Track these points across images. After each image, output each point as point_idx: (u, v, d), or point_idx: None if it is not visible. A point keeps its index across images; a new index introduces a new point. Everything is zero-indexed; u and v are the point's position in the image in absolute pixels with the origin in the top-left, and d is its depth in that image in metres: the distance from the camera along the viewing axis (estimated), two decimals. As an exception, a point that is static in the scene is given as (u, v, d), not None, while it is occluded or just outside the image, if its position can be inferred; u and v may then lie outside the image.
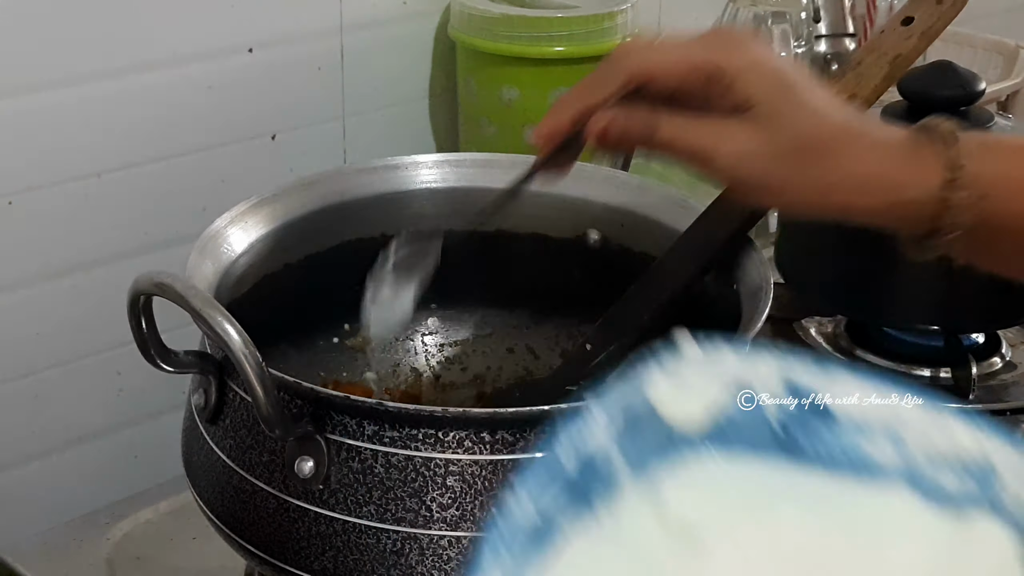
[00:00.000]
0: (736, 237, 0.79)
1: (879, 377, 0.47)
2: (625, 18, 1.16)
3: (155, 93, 1.00)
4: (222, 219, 0.80)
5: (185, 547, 0.89)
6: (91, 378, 1.02)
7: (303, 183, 0.86)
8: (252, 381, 0.62)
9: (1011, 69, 1.47)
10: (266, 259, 0.83)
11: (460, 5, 1.15)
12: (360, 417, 0.65)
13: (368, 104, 1.15)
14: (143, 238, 1.02)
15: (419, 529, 0.65)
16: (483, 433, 0.64)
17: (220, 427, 0.70)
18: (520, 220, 0.91)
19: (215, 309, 0.62)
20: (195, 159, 1.04)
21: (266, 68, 1.06)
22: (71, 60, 0.94)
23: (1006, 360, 1.13)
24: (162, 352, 0.68)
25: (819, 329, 1.17)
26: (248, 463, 0.68)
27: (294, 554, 0.67)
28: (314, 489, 0.66)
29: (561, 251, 0.91)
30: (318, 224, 0.86)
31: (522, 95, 1.15)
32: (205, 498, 0.72)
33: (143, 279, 0.65)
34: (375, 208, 0.89)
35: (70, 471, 1.02)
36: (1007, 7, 1.77)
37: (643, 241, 0.88)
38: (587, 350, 0.81)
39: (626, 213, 0.89)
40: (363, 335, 0.93)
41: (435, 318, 0.95)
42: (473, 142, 1.19)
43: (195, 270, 0.74)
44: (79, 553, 0.89)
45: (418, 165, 0.90)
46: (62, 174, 0.96)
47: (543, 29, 1.13)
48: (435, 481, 0.64)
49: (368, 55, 1.13)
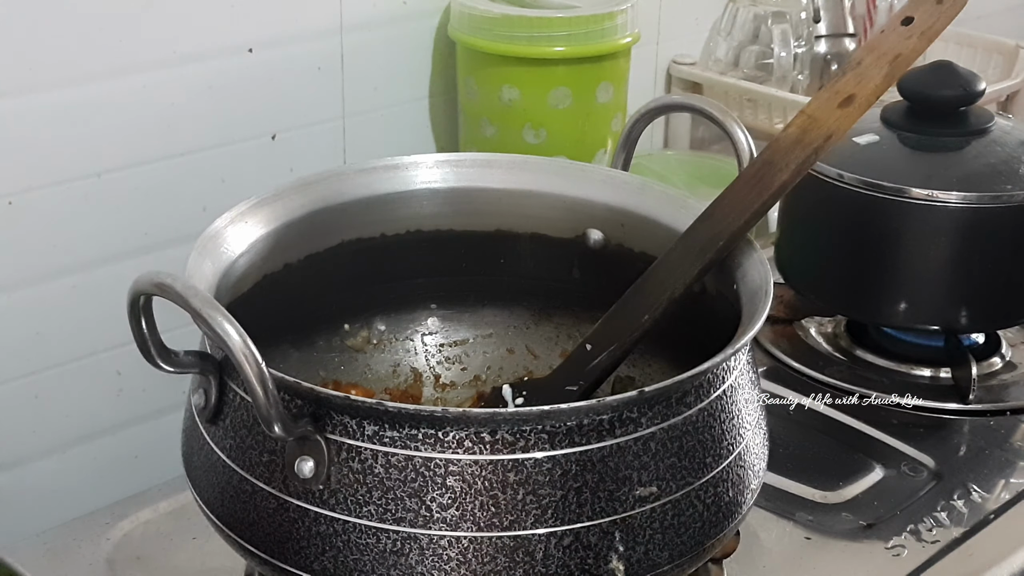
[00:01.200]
0: (736, 238, 0.79)
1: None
2: (625, 18, 1.16)
3: (155, 93, 1.00)
4: (222, 219, 0.80)
5: (185, 547, 0.89)
6: (91, 378, 1.02)
7: (303, 183, 0.86)
8: (252, 381, 0.62)
9: (1011, 69, 1.48)
10: (266, 259, 0.83)
11: (460, 5, 1.15)
12: (360, 417, 0.65)
13: (368, 104, 1.15)
14: (143, 238, 1.02)
15: (419, 529, 0.65)
16: (483, 433, 0.64)
17: (220, 427, 0.70)
18: (520, 220, 0.91)
19: (215, 309, 0.62)
20: (195, 159, 1.04)
21: (266, 68, 1.06)
22: (71, 60, 0.94)
23: (1006, 360, 1.13)
24: (162, 352, 0.68)
25: (819, 329, 1.18)
26: (248, 463, 0.68)
27: (294, 554, 0.67)
28: (314, 489, 0.66)
29: (561, 251, 0.91)
30: (318, 224, 0.86)
31: (522, 95, 1.15)
32: (205, 498, 0.72)
33: (143, 279, 0.65)
34: (375, 208, 0.89)
35: (70, 471, 1.02)
36: (1007, 7, 1.77)
37: (643, 241, 0.88)
38: (587, 350, 0.81)
39: (626, 213, 0.89)
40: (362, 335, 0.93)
41: (435, 318, 0.95)
42: (473, 142, 1.19)
43: (195, 270, 0.74)
44: (79, 553, 0.89)
45: (418, 165, 0.90)
46: (62, 174, 0.96)
47: (543, 29, 1.13)
48: (435, 481, 0.64)
49: (368, 55, 1.13)
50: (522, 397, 0.85)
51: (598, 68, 1.16)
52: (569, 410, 0.64)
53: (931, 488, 0.96)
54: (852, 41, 1.46)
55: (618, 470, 0.66)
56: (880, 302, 1.08)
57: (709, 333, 0.77)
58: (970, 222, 1.03)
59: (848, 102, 0.79)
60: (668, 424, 0.68)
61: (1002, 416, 1.05)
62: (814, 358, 1.12)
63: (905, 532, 0.91)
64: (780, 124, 1.35)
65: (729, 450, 0.71)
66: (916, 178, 1.03)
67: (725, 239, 0.78)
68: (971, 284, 1.05)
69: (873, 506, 0.94)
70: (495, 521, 0.65)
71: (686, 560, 0.70)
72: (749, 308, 0.75)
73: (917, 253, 1.05)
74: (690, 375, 0.67)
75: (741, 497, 0.73)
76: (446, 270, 0.93)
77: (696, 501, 0.69)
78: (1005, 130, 1.09)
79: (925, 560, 0.88)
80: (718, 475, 0.71)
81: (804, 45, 1.41)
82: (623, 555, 0.67)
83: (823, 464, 0.99)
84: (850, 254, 1.08)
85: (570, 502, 0.65)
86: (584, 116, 1.17)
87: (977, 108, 1.10)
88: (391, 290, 0.93)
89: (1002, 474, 0.98)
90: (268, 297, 0.83)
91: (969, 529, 0.92)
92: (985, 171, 1.04)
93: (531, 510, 0.65)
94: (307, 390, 0.65)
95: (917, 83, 1.08)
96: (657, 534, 0.68)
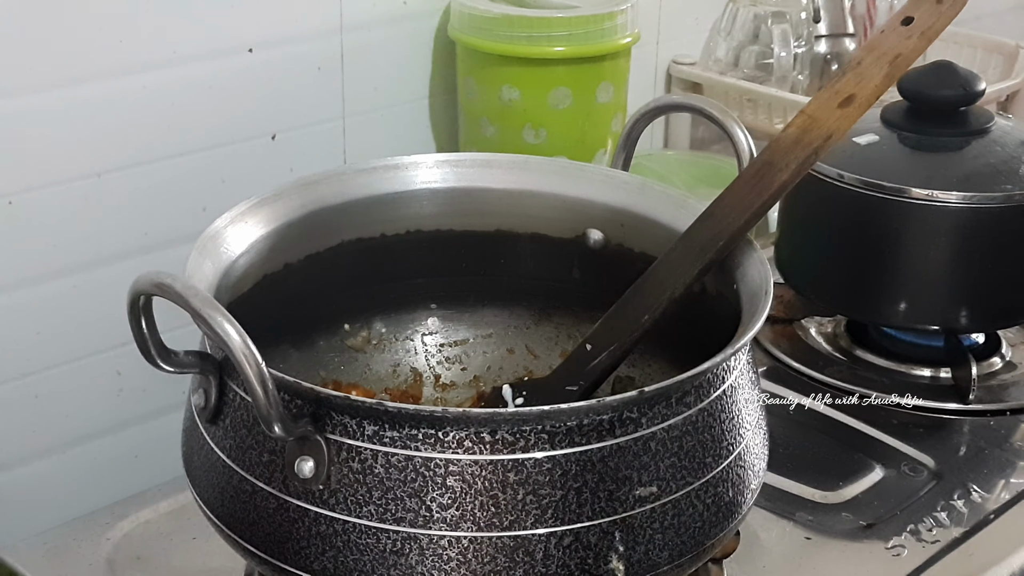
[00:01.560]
0: (736, 238, 0.79)
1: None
2: (625, 18, 1.16)
3: (155, 93, 1.00)
4: (222, 219, 0.80)
5: (185, 547, 0.89)
6: (91, 378, 1.02)
7: (303, 183, 0.86)
8: (252, 381, 0.62)
9: (1011, 69, 1.48)
10: (266, 259, 0.83)
11: (460, 5, 1.15)
12: (360, 417, 0.65)
13: (368, 104, 1.15)
14: (143, 238, 1.02)
15: (419, 529, 0.65)
16: (483, 433, 0.64)
17: (220, 427, 0.70)
18: (520, 220, 0.91)
19: (215, 309, 0.62)
20: (195, 159, 1.04)
21: (266, 68, 1.06)
22: (71, 60, 0.94)
23: (1006, 360, 1.13)
24: (162, 352, 0.68)
25: (819, 329, 1.18)
26: (248, 463, 0.68)
27: (294, 554, 0.67)
28: (314, 489, 0.66)
29: (561, 251, 0.91)
30: (318, 224, 0.86)
31: (522, 95, 1.15)
32: (205, 498, 0.72)
33: (143, 279, 0.65)
34: (375, 208, 0.89)
35: (70, 471, 1.02)
36: (1007, 7, 1.77)
37: (643, 241, 0.88)
38: (587, 350, 0.81)
39: (626, 213, 0.89)
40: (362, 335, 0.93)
41: (435, 318, 0.95)
42: (473, 142, 1.19)
43: (195, 270, 0.74)
44: (79, 553, 0.89)
45: (417, 165, 0.90)
46: (62, 174, 0.96)
47: (543, 29, 1.13)
48: (435, 481, 0.64)
49: (368, 55, 1.13)
50: (522, 397, 0.85)
51: (598, 68, 1.16)
52: (569, 410, 0.64)
53: (931, 488, 0.96)
54: (852, 41, 1.46)
55: (618, 470, 0.66)
56: (880, 302, 1.08)
57: (709, 333, 0.77)
58: (970, 222, 1.03)
59: (848, 102, 0.78)
60: (668, 424, 0.68)
61: (1002, 416, 1.05)
62: (814, 358, 1.12)
63: (905, 532, 0.91)
64: (780, 124, 1.35)
65: (729, 450, 0.71)
66: (916, 178, 1.03)
67: (725, 239, 0.78)
68: (971, 284, 1.05)
69: (873, 506, 0.94)
70: (495, 521, 0.64)
71: (686, 560, 0.70)
72: (749, 308, 0.75)
73: (917, 253, 1.05)
74: (690, 375, 0.67)
75: (741, 497, 0.73)
76: (446, 270, 0.93)
77: (696, 501, 0.69)
78: (1005, 130, 1.09)
79: (925, 560, 0.88)
80: (718, 475, 0.71)
81: (804, 45, 1.41)
82: (623, 555, 0.67)
83: (823, 464, 0.99)
84: (850, 254, 1.08)
85: (570, 502, 0.65)
86: (584, 116, 1.17)
87: (977, 108, 1.10)
88: (391, 290, 0.93)
89: (1002, 474, 0.98)
90: (268, 297, 0.83)
91: (969, 529, 0.92)
92: (985, 171, 1.04)
93: (531, 510, 0.65)
94: (307, 390, 0.65)
95: (917, 83, 1.08)
96: (657, 534, 0.68)
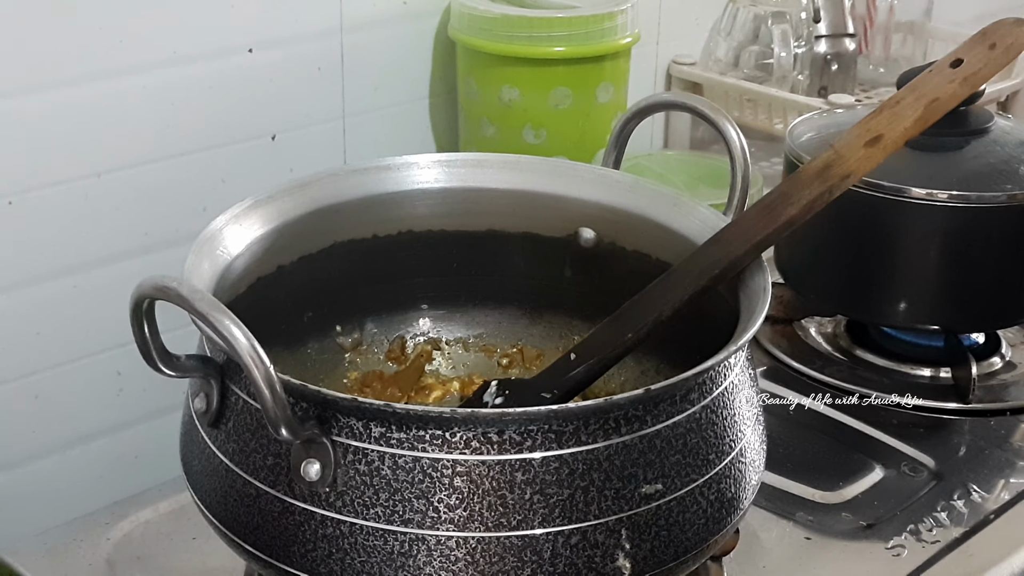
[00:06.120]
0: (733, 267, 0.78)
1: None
2: (625, 18, 1.16)
3: (155, 93, 0.99)
4: (218, 221, 0.80)
5: (185, 547, 0.89)
6: (91, 378, 1.02)
7: (298, 184, 0.86)
8: (260, 384, 0.62)
9: (1011, 69, 1.48)
10: (260, 261, 0.83)
11: (460, 5, 1.15)
12: (367, 419, 0.65)
13: (368, 104, 1.15)
14: (143, 238, 1.02)
15: (427, 530, 0.65)
16: (490, 433, 0.64)
17: (222, 431, 0.70)
18: (512, 220, 0.91)
19: (222, 312, 0.62)
20: (195, 159, 1.03)
21: (266, 68, 1.06)
22: (71, 60, 0.94)
23: (1006, 360, 1.14)
24: (164, 357, 0.67)
25: (819, 329, 1.18)
26: (252, 467, 0.68)
27: (300, 557, 0.67)
28: (320, 492, 0.66)
29: (553, 250, 0.91)
30: (312, 225, 0.86)
31: (522, 95, 1.15)
32: (207, 502, 0.72)
33: (146, 283, 0.64)
34: (368, 209, 0.89)
35: (70, 471, 1.02)
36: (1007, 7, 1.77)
37: (635, 239, 0.88)
38: (570, 360, 0.81)
39: (618, 211, 0.89)
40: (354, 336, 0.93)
41: (427, 319, 0.95)
42: (473, 142, 1.19)
43: (193, 272, 0.74)
44: (79, 553, 0.89)
45: (411, 166, 0.90)
46: (62, 174, 0.96)
47: (543, 29, 1.13)
48: (442, 482, 0.64)
49: (368, 55, 1.13)
50: (503, 397, 0.83)
51: (598, 68, 1.16)
52: (576, 410, 0.64)
53: (931, 488, 0.96)
54: (852, 41, 1.46)
55: (624, 468, 0.66)
56: (880, 302, 1.08)
57: (708, 333, 0.77)
58: (970, 222, 1.03)
59: (875, 142, 0.78)
60: (673, 422, 0.68)
61: (1002, 416, 1.05)
62: (814, 358, 1.12)
63: (905, 532, 0.91)
64: (780, 124, 1.35)
65: (731, 446, 0.72)
66: (916, 178, 1.03)
67: (721, 267, 0.78)
68: (971, 284, 1.06)
69: (873, 506, 0.94)
70: (503, 521, 0.64)
71: (690, 557, 0.70)
72: (749, 308, 0.75)
73: (917, 253, 1.05)
74: (695, 372, 0.67)
75: (743, 493, 0.73)
76: (438, 270, 0.93)
77: (700, 498, 0.70)
78: (1005, 130, 1.09)
79: (925, 560, 0.89)
80: (721, 471, 0.71)
81: (804, 45, 1.41)
82: (629, 552, 0.67)
83: (823, 464, 0.99)
84: (850, 254, 1.08)
85: (577, 501, 0.65)
86: (584, 116, 1.17)
87: (977, 108, 1.10)
88: (383, 291, 0.93)
89: (1002, 474, 0.98)
90: (262, 299, 0.82)
91: (969, 529, 0.92)
92: (985, 171, 1.04)
93: (539, 509, 0.65)
94: (313, 392, 0.65)
95: (917, 83, 1.08)
96: (663, 531, 0.68)
